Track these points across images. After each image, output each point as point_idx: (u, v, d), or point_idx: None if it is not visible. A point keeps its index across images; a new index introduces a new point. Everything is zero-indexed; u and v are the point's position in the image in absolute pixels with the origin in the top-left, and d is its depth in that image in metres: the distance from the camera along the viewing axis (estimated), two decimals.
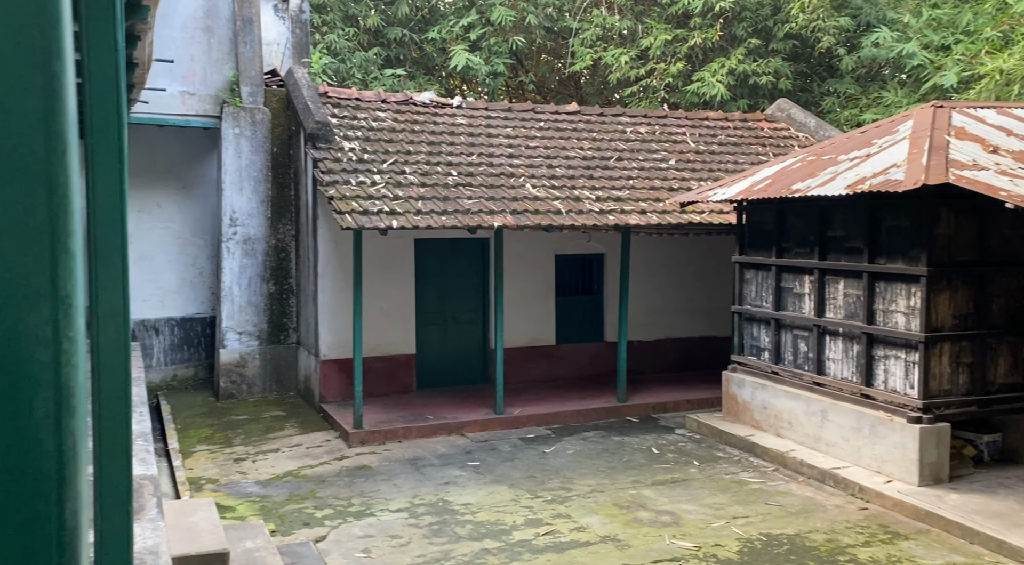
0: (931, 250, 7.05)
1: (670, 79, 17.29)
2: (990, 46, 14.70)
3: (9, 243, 0.61)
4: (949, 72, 14.46)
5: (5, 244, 0.60)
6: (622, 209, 10.11)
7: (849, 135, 9.24)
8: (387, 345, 11.01)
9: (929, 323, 7.10)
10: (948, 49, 15.28)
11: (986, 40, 14.86)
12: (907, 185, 6.46)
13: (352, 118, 11.30)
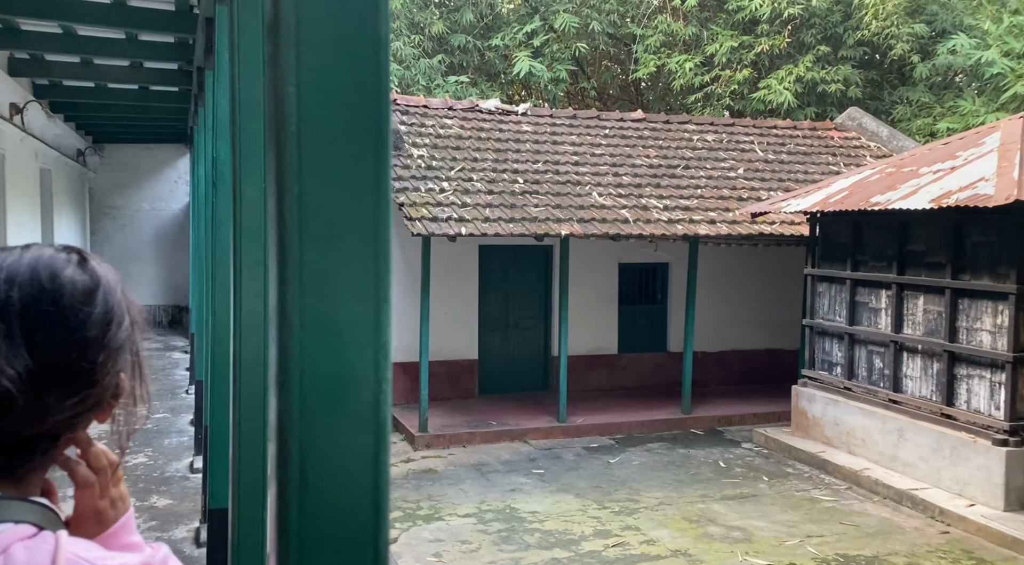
0: (1021, 267, 6.80)
1: (735, 86, 17.06)
2: None
3: (346, 298, 0.63)
4: None
5: (344, 299, 0.63)
6: (691, 218, 10.00)
7: (931, 147, 8.98)
8: (451, 350, 11.09)
9: (1017, 343, 6.85)
10: None
11: None
12: (998, 200, 6.25)
13: (420, 125, 11.42)
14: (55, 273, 0.92)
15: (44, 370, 0.88)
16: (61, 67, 7.11)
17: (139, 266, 14.31)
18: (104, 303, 0.94)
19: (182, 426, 7.61)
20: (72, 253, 0.97)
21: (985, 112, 14.98)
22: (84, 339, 0.91)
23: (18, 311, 0.89)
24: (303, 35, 0.62)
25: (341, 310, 0.64)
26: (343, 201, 0.64)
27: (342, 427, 0.64)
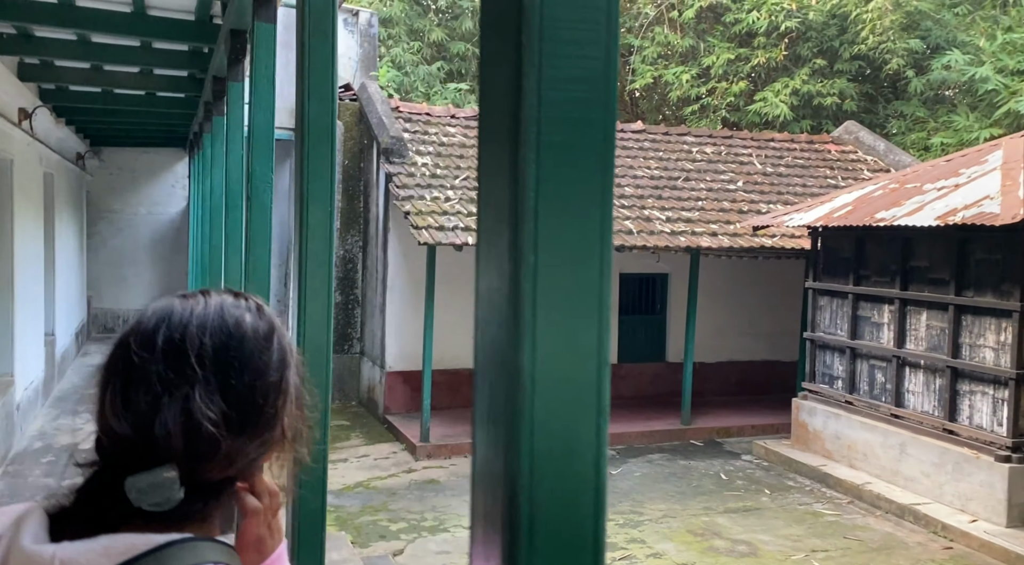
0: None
1: (732, 98, 17.19)
2: None
3: (576, 361, 0.64)
4: None
5: (573, 363, 0.64)
6: (693, 231, 10.06)
7: (933, 163, 9.08)
8: (452, 358, 11.08)
9: (1021, 360, 6.92)
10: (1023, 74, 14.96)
11: None
12: (1004, 219, 6.33)
13: (423, 133, 11.43)
14: (239, 320, 0.95)
15: (236, 415, 0.91)
16: (71, 73, 7.08)
17: (134, 270, 14.23)
18: (279, 349, 0.97)
19: None
20: (246, 299, 1.00)
21: (979, 128, 15.16)
22: (267, 384, 0.94)
23: (211, 357, 0.92)
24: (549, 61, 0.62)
25: (571, 373, 0.65)
26: (573, 270, 0.65)
27: (567, 487, 0.66)
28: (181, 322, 0.94)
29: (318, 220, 2.01)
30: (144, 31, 5.31)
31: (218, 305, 0.96)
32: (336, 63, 2.00)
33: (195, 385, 0.90)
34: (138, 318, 0.98)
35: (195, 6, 5.03)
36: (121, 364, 0.95)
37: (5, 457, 6.34)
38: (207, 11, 5.07)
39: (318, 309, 2.03)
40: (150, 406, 0.92)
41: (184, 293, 1.01)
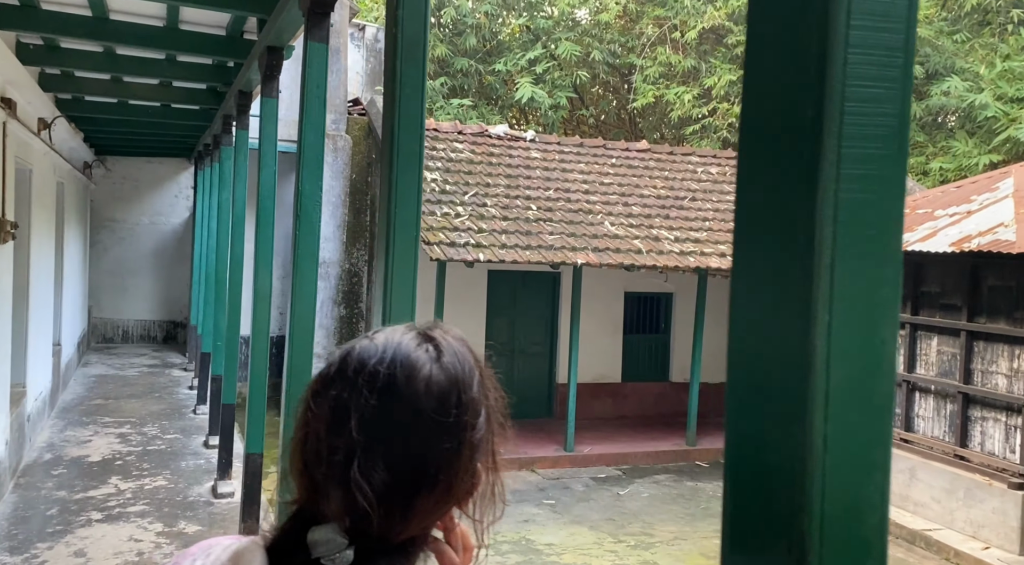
0: None
1: (733, 119, 17.31)
2: None
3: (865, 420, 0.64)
4: None
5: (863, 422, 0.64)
6: (702, 251, 10.09)
7: (943, 189, 9.16)
8: None
9: None
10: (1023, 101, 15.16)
11: None
12: (1021, 247, 6.38)
13: (431, 149, 11.45)
14: (411, 374, 0.88)
15: (403, 481, 0.86)
16: (90, 83, 7.06)
17: (136, 280, 14.13)
18: (460, 406, 0.89)
19: (196, 448, 7.49)
20: (427, 341, 0.93)
21: (978, 154, 15.32)
22: (441, 450, 0.88)
23: (373, 419, 0.87)
24: None
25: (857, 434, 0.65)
26: (866, 333, 0.65)
27: (853, 553, 0.65)
28: (346, 375, 0.90)
29: (406, 246, 2.00)
30: (174, 45, 5.31)
31: (392, 354, 0.89)
32: (426, 90, 2.00)
33: (355, 449, 0.86)
34: (329, 359, 0.97)
35: (228, 22, 5.03)
36: (300, 410, 0.93)
37: (16, 469, 6.26)
38: (240, 28, 5.08)
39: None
40: (314, 459, 0.90)
41: (371, 333, 0.98)
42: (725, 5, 17.68)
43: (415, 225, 2.00)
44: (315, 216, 3.27)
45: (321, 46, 3.26)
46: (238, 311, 6.02)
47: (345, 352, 0.94)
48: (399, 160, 1.97)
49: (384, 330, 0.97)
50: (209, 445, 7.40)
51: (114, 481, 6.38)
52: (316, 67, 3.25)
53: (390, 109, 1.99)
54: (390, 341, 0.93)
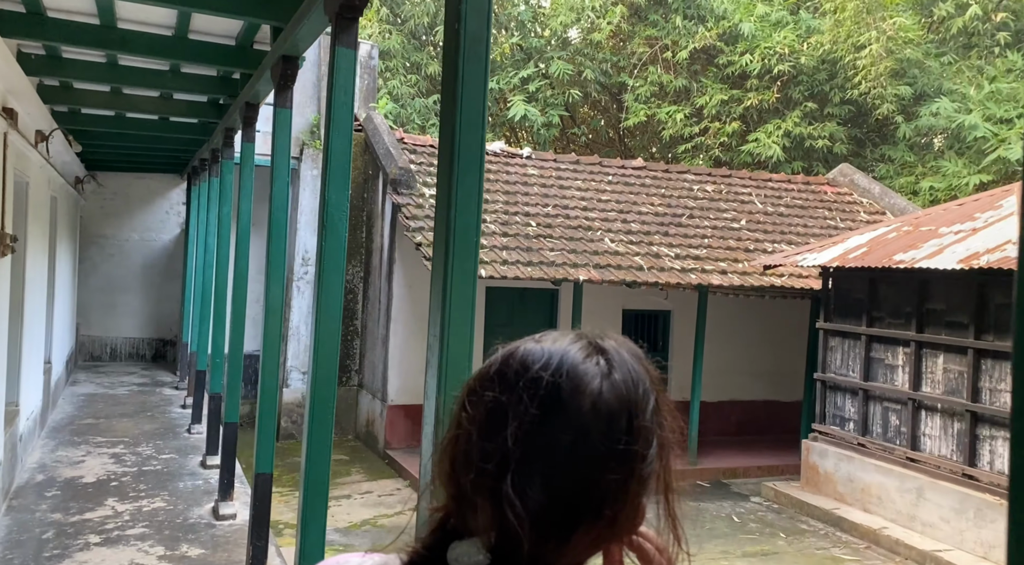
0: None
1: (725, 138, 17.40)
2: None
3: None
4: (1016, 145, 14.46)
5: None
6: (703, 268, 10.04)
7: (945, 207, 9.18)
8: None
9: None
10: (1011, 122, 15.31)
11: None
12: None
13: (429, 165, 11.36)
14: (578, 387, 0.79)
15: (561, 507, 0.77)
16: (89, 95, 6.92)
17: (125, 297, 13.89)
18: (631, 432, 0.80)
19: (193, 468, 7.29)
20: (598, 352, 0.83)
21: (968, 173, 15.45)
22: (606, 480, 0.78)
23: (535, 431, 0.78)
24: None
25: None
26: None
27: None
28: (506, 376, 0.81)
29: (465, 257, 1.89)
30: (181, 55, 5.20)
31: (558, 363, 0.80)
32: (488, 90, 1.90)
33: (509, 460, 0.77)
34: (490, 358, 0.87)
35: (240, 32, 4.93)
36: (455, 409, 0.85)
37: (8, 491, 6.04)
38: (252, 37, 4.98)
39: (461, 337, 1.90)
40: (463, 463, 0.82)
41: (537, 336, 0.87)
42: (716, 26, 17.83)
43: (475, 232, 1.89)
44: (342, 228, 3.16)
45: (350, 51, 3.17)
46: (242, 327, 5.87)
47: (508, 352, 0.85)
48: (459, 165, 1.86)
49: (550, 334, 0.87)
50: (207, 465, 7.20)
51: (111, 503, 6.18)
52: (344, 73, 3.15)
53: (450, 111, 1.88)
54: (557, 347, 0.84)
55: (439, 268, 1.91)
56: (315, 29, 3.84)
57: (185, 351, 11.66)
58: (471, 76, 1.87)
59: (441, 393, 1.88)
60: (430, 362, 1.93)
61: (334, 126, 3.15)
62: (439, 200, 1.95)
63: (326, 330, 3.16)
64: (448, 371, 1.88)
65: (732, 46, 17.76)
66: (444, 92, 1.94)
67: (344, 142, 3.18)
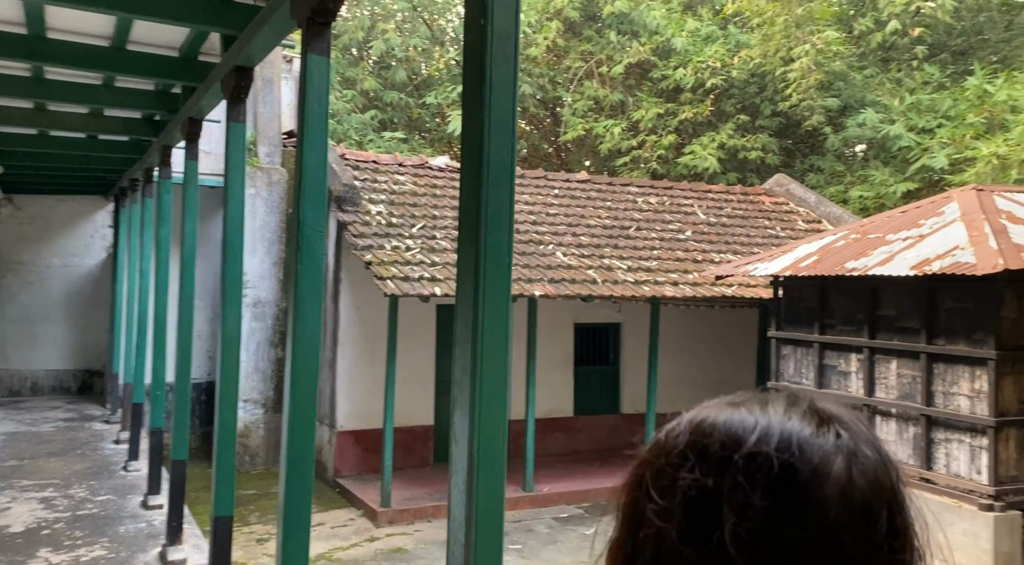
0: (998, 333, 7.06)
1: (662, 151, 17.60)
2: (974, 131, 15.36)
3: None
4: (939, 154, 15.00)
5: None
6: (655, 280, 10.02)
7: (889, 214, 9.37)
8: (404, 415, 10.55)
9: (998, 407, 7.06)
10: (932, 132, 15.91)
11: (970, 125, 15.53)
12: (986, 269, 6.49)
13: (373, 181, 11.07)
14: (819, 469, 0.60)
15: None
16: (9, 113, 6.42)
17: (46, 327, 13.08)
18: (893, 533, 0.63)
19: (134, 509, 6.79)
20: (827, 423, 0.63)
21: (895, 182, 15.96)
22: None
23: (766, 531, 0.58)
24: None
25: None
26: None
27: None
28: (708, 453, 0.62)
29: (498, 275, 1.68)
30: (118, 67, 4.83)
31: (780, 429, 0.61)
32: (518, 93, 1.70)
33: None
34: (670, 427, 0.67)
35: (185, 41, 4.60)
36: (626, 497, 0.69)
37: None
38: (198, 47, 4.65)
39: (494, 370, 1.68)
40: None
41: (725, 399, 0.67)
42: (650, 40, 18.06)
43: (508, 251, 1.69)
44: (318, 248, 2.90)
45: (323, 59, 2.93)
46: (188, 357, 5.48)
47: (700, 418, 0.65)
48: (489, 176, 1.66)
49: (743, 396, 0.67)
50: (149, 505, 6.72)
51: (44, 554, 5.66)
52: (318, 82, 2.91)
53: (476, 117, 1.68)
54: (771, 414, 0.63)
55: (467, 293, 1.69)
56: (275, 37, 3.57)
57: (115, 382, 11.01)
58: (500, 77, 1.67)
59: (474, 437, 1.66)
60: (458, 401, 1.70)
61: (307, 140, 2.90)
62: (464, 217, 1.74)
63: (303, 362, 2.89)
64: (482, 411, 1.66)
65: (665, 61, 18.02)
66: (468, 96, 1.73)
67: (319, 157, 2.93)
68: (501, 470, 1.66)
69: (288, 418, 2.88)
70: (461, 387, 1.68)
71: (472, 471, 1.64)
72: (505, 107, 1.67)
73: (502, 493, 1.67)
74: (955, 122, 15.82)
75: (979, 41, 19.27)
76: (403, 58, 18.90)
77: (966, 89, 16.31)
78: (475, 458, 1.64)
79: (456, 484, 1.70)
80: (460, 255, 1.74)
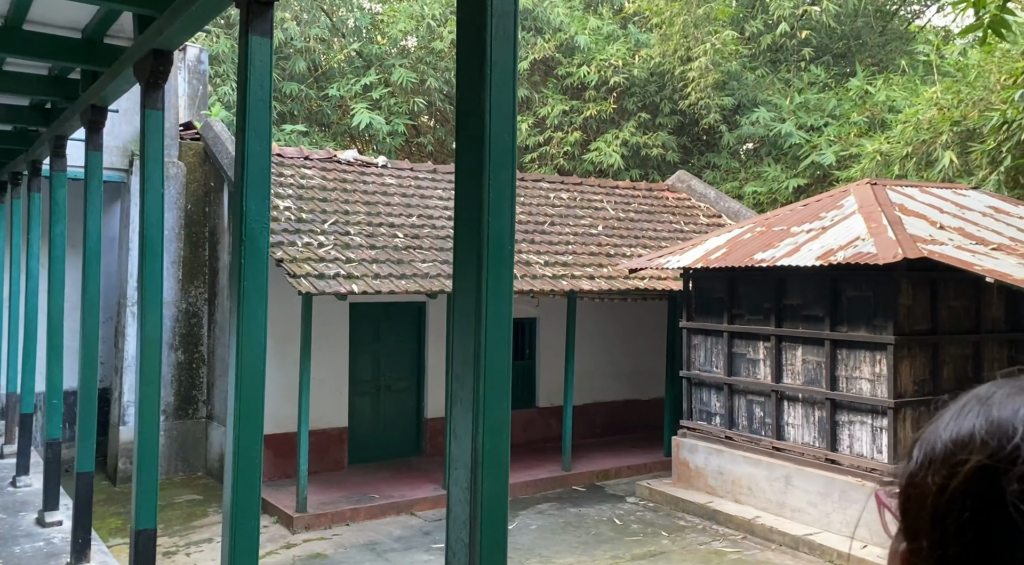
0: (896, 319, 7.49)
1: (568, 147, 17.80)
2: (858, 129, 16.29)
3: None
4: (827, 151, 15.81)
5: None
6: (572, 274, 10.10)
7: (791, 208, 9.77)
8: (319, 418, 10.22)
9: (897, 390, 7.49)
10: (820, 130, 16.77)
11: (854, 124, 16.46)
12: (886, 258, 6.85)
13: (279, 175, 10.66)
14: None
15: None
16: None
17: None
18: None
19: (28, 528, 6.27)
20: None
21: (786, 178, 16.72)
22: None
23: None
24: None
25: None
26: None
27: None
28: None
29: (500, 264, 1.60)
30: (10, 48, 4.42)
31: None
32: (517, 70, 1.62)
33: None
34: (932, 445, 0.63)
35: (91, 21, 4.26)
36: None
37: None
38: (106, 28, 4.31)
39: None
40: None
41: (985, 391, 0.64)
42: (554, 37, 18.22)
43: (510, 239, 1.61)
44: (263, 241, 2.73)
45: (264, 41, 2.75)
46: (94, 362, 5.10)
47: (1016, 408, 0.60)
48: (492, 158, 1.57)
49: (1003, 383, 0.64)
50: (46, 523, 6.23)
51: None
52: (260, 66, 2.73)
53: (475, 94, 1.59)
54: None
55: (468, 283, 1.61)
56: (203, 18, 3.34)
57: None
58: (500, 54, 1.58)
59: (479, 432, 1.58)
60: (459, 396, 1.62)
61: (250, 127, 2.72)
62: (460, 201, 1.65)
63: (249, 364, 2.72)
64: (487, 404, 1.58)
65: (570, 58, 18.22)
66: (464, 74, 1.64)
67: (263, 144, 2.75)
68: (506, 466, 1.58)
69: (233, 424, 2.70)
70: (462, 381, 1.59)
71: (476, 468, 1.56)
72: (506, 87, 1.59)
73: (507, 490, 1.60)
74: (840, 121, 16.72)
75: (858, 45, 20.45)
76: (303, 49, 18.33)
77: (849, 90, 17.26)
78: (479, 454, 1.56)
79: (457, 481, 1.62)
80: (458, 244, 1.65)
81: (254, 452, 2.69)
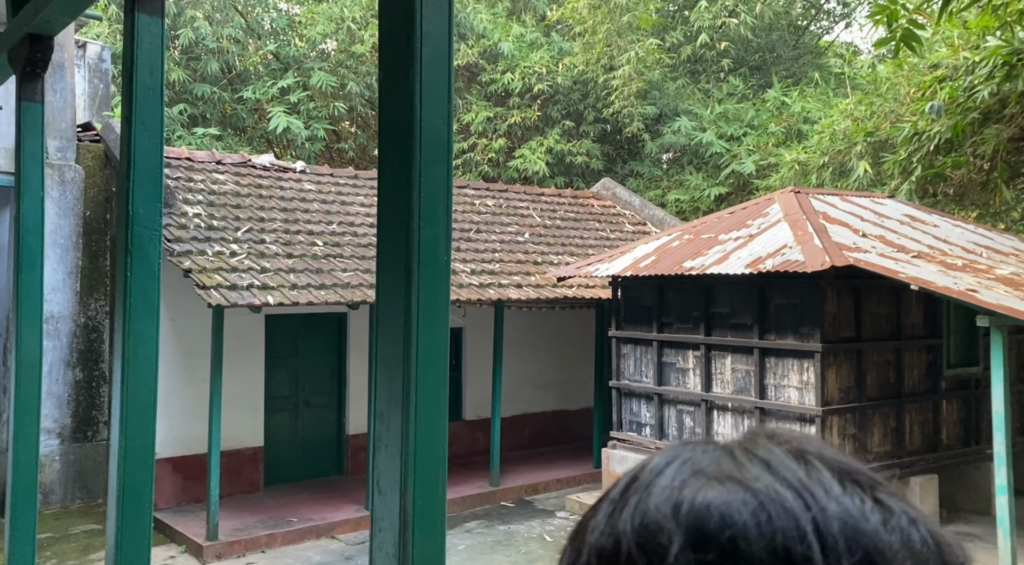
0: (823, 327, 7.51)
1: (492, 154, 17.62)
2: (776, 139, 16.64)
3: None
4: (747, 160, 16.09)
5: None
6: (499, 283, 9.84)
7: (719, 215, 9.77)
8: (231, 438, 9.63)
9: (824, 397, 7.50)
10: (739, 140, 17.07)
11: (772, 134, 16.82)
12: (815, 266, 6.84)
13: (188, 180, 10.06)
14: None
15: None
16: None
17: None
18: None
19: None
20: (861, 488, 0.46)
21: (708, 186, 16.96)
22: None
23: None
24: None
25: None
26: None
27: None
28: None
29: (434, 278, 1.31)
30: None
31: (817, 507, 0.44)
32: (453, 49, 1.34)
33: None
34: None
35: None
36: None
37: None
38: None
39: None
40: None
41: (701, 457, 0.50)
42: (478, 43, 18.02)
43: (445, 246, 1.32)
44: (153, 250, 2.36)
45: (155, 20, 2.39)
46: None
47: (677, 504, 0.46)
48: (422, 152, 1.28)
49: (688, 449, 0.52)
50: None
51: None
52: (149, 48, 2.36)
53: (401, 73, 1.30)
54: (777, 485, 0.46)
55: (394, 301, 1.31)
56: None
57: None
58: (433, 25, 1.29)
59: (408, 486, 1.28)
60: (384, 440, 1.32)
61: (137, 119, 2.34)
62: (386, 207, 1.34)
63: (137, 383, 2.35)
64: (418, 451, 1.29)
65: (493, 64, 18.05)
66: (388, 48, 1.34)
67: (153, 139, 2.38)
68: (442, 525, 1.29)
69: (118, 449, 2.33)
70: (387, 423, 1.29)
71: (406, 530, 1.26)
72: (440, 65, 1.30)
73: (443, 554, 1.30)
74: (759, 131, 17.06)
75: (773, 58, 20.97)
76: (215, 49, 17.55)
77: (767, 100, 17.64)
78: (409, 513, 1.26)
79: (381, 545, 1.31)
80: (381, 254, 1.35)
81: (143, 480, 2.33)
